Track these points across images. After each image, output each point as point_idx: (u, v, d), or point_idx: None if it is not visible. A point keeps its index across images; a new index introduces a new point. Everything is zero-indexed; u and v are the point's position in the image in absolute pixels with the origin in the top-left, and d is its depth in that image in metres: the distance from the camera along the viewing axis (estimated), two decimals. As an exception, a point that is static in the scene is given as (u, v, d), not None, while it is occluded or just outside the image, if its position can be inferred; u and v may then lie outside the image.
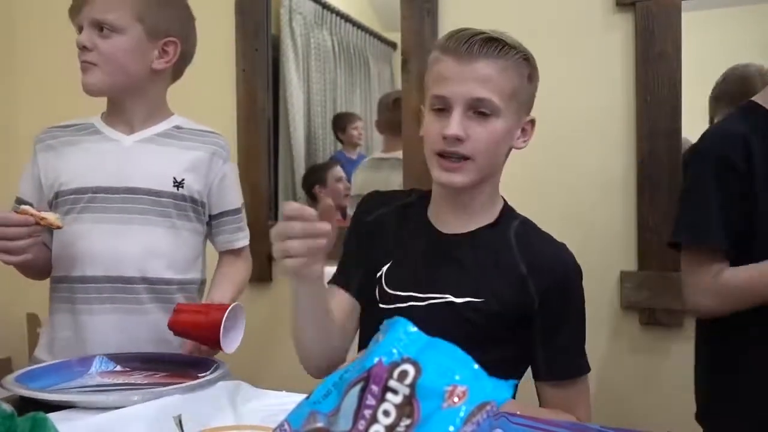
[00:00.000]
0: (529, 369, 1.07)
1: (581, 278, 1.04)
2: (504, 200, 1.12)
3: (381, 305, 1.06)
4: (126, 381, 1.01)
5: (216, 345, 1.11)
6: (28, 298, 2.24)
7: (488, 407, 0.47)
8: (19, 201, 1.31)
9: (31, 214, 1.10)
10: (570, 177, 1.62)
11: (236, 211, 1.37)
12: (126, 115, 1.30)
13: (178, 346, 1.23)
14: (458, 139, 0.97)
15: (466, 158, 0.99)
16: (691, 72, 1.55)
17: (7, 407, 0.62)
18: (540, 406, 1.05)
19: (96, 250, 1.23)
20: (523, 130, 1.06)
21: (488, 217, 1.08)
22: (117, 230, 1.24)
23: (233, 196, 1.37)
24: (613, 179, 1.58)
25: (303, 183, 2.22)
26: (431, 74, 1.03)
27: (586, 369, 1.04)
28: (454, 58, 0.98)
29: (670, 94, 1.51)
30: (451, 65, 0.98)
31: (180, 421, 0.78)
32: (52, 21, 2.22)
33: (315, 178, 2.23)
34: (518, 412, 0.74)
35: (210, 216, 1.34)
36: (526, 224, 1.09)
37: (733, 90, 1.50)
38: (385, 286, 1.07)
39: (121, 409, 0.84)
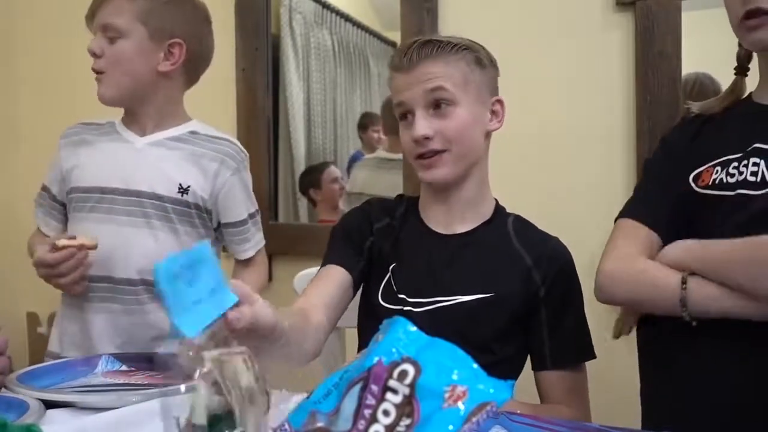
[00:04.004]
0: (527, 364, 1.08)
1: (575, 267, 1.09)
2: (495, 200, 1.14)
3: (387, 305, 1.07)
4: (128, 381, 1.02)
5: None
6: (28, 297, 2.24)
7: (488, 407, 0.47)
8: (45, 188, 1.37)
9: (70, 246, 1.16)
10: (570, 176, 1.62)
11: (240, 223, 1.34)
12: (138, 119, 1.31)
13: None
14: (427, 138, 1.02)
15: (442, 151, 1.03)
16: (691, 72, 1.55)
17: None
18: (540, 396, 1.06)
19: (100, 251, 1.24)
20: (494, 111, 1.08)
21: (483, 214, 1.10)
22: (120, 232, 1.25)
23: (237, 209, 1.34)
24: (614, 179, 1.58)
25: (299, 185, 2.22)
26: (391, 91, 1.09)
27: (593, 353, 1.07)
28: (401, 72, 1.05)
29: (670, 94, 1.51)
30: (401, 78, 1.05)
31: (179, 422, 0.78)
32: (53, 15, 2.22)
33: (309, 180, 2.22)
34: (518, 411, 0.75)
35: (218, 223, 1.34)
36: (521, 220, 1.12)
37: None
38: (394, 287, 1.07)
39: (121, 409, 0.84)
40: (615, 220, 1.07)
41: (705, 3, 1.55)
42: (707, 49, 1.57)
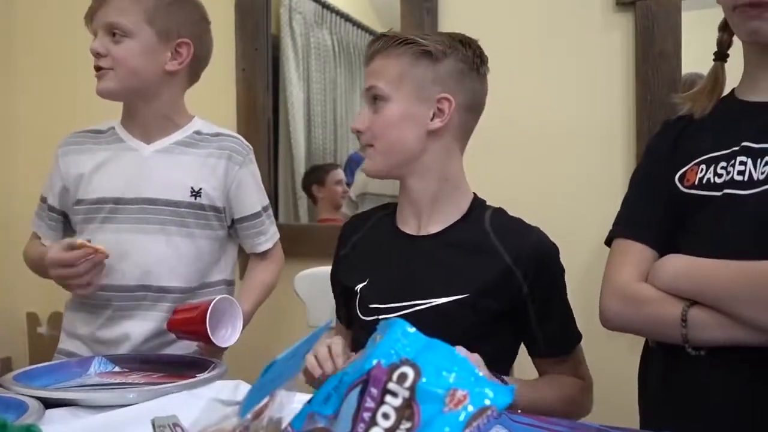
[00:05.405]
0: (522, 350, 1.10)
1: (558, 255, 1.07)
2: (474, 194, 1.12)
3: (363, 317, 1.07)
4: (124, 381, 1.02)
5: (207, 339, 1.11)
6: (28, 297, 2.24)
7: (489, 412, 0.47)
8: (43, 200, 1.37)
9: (87, 247, 1.16)
10: (570, 176, 1.62)
11: (255, 216, 1.36)
12: (140, 120, 1.30)
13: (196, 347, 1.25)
14: (359, 131, 1.08)
15: (370, 146, 1.08)
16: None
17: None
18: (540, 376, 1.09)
19: (117, 260, 1.25)
20: (439, 109, 1.05)
21: (456, 212, 1.08)
22: (135, 240, 1.26)
23: (251, 201, 1.35)
24: (613, 178, 1.58)
25: (303, 181, 2.22)
26: None
27: (580, 336, 1.09)
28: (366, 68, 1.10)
29: (670, 94, 1.51)
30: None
31: (166, 424, 0.78)
32: (54, 15, 2.22)
33: (314, 177, 2.23)
34: (519, 411, 0.75)
35: (232, 219, 1.35)
36: (500, 213, 1.10)
37: None
38: (366, 301, 1.07)
39: (120, 409, 0.85)
40: (606, 240, 1.04)
41: (705, 3, 1.54)
42: (707, 49, 1.56)
